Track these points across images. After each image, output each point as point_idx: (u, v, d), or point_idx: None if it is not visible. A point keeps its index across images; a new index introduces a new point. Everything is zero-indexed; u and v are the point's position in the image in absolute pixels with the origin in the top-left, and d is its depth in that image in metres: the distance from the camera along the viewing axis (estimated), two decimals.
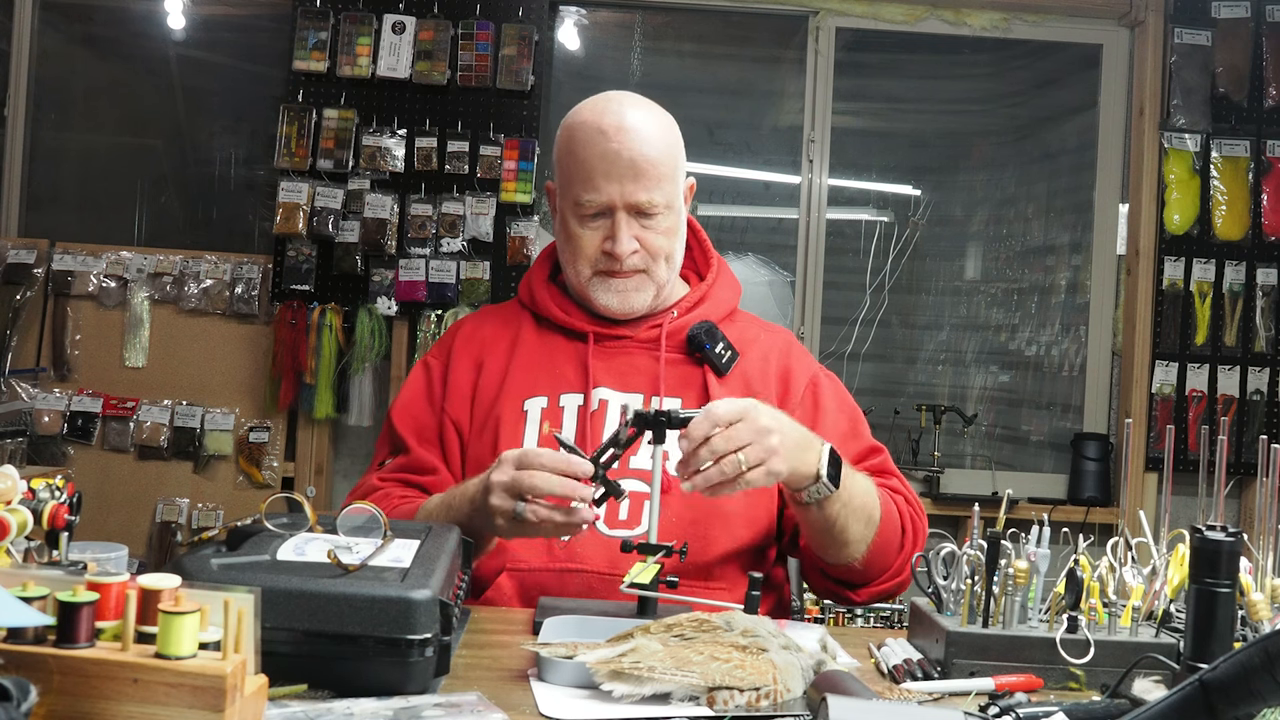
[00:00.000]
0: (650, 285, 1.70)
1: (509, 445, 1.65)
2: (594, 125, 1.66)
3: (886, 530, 1.60)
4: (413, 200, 3.58)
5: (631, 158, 1.63)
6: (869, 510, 1.57)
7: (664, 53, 4.07)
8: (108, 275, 3.69)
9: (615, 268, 1.67)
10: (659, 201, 1.65)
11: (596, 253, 1.67)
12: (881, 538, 1.59)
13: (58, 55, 3.95)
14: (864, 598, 1.66)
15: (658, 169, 1.65)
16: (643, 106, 1.71)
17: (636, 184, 1.64)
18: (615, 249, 1.65)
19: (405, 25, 3.59)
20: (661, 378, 1.69)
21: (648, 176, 1.64)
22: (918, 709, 1.05)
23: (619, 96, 1.72)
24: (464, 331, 1.81)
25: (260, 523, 1.22)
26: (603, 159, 1.64)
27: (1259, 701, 0.91)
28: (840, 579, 1.66)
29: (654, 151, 1.65)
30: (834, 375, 1.82)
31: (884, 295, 4.01)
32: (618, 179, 1.64)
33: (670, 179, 1.67)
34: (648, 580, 1.36)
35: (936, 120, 4.19)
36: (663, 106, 1.74)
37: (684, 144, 1.75)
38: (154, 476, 3.66)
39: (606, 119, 1.66)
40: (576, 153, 1.66)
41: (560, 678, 1.15)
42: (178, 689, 0.80)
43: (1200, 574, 1.11)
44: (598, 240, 1.67)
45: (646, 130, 1.66)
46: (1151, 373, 3.74)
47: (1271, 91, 3.72)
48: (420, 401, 1.75)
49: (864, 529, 1.57)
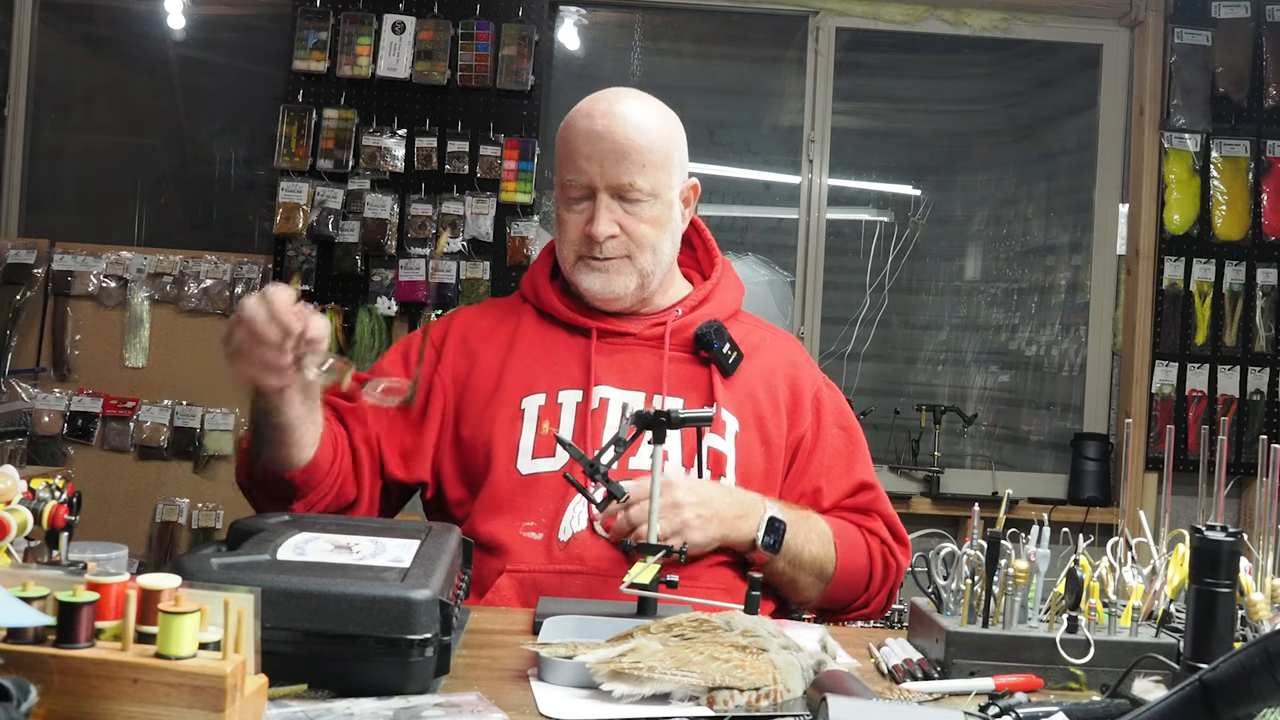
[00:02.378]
0: (633, 272, 1.69)
1: (505, 443, 1.65)
2: (585, 111, 1.68)
3: (845, 579, 1.67)
4: (413, 200, 3.59)
5: (615, 140, 1.64)
6: (820, 566, 1.64)
7: (664, 53, 4.07)
8: (108, 275, 3.69)
9: (595, 251, 1.67)
10: (642, 186, 1.65)
11: (579, 235, 1.67)
12: (835, 589, 1.67)
13: (58, 55, 3.95)
14: (838, 620, 1.74)
15: (642, 155, 1.64)
16: (640, 99, 1.72)
17: (618, 166, 1.64)
18: (593, 229, 1.65)
19: (405, 25, 3.59)
20: (664, 376, 1.69)
21: (630, 160, 1.64)
22: (918, 709, 1.05)
23: (620, 90, 1.72)
24: (461, 318, 1.81)
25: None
26: (587, 140, 1.65)
27: (1259, 701, 0.91)
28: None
29: (640, 137, 1.65)
30: (835, 387, 1.83)
31: (884, 295, 4.01)
32: (599, 159, 1.64)
33: (658, 167, 1.66)
34: (648, 580, 1.36)
35: (936, 120, 4.19)
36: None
37: (686, 145, 1.75)
38: (154, 476, 3.66)
39: (598, 105, 1.68)
40: (566, 137, 1.69)
41: (560, 678, 1.15)
42: (178, 689, 0.79)
43: (1200, 574, 1.11)
44: (580, 223, 1.67)
45: (634, 116, 1.66)
46: (1151, 373, 3.74)
47: (1271, 91, 3.72)
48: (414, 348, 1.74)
49: (814, 581, 1.65)
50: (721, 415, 1.67)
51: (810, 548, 1.62)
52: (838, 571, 1.65)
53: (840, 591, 1.68)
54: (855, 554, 1.68)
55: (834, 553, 1.65)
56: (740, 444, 1.67)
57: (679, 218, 1.75)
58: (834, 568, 1.65)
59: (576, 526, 1.61)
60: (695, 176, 1.78)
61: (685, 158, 1.75)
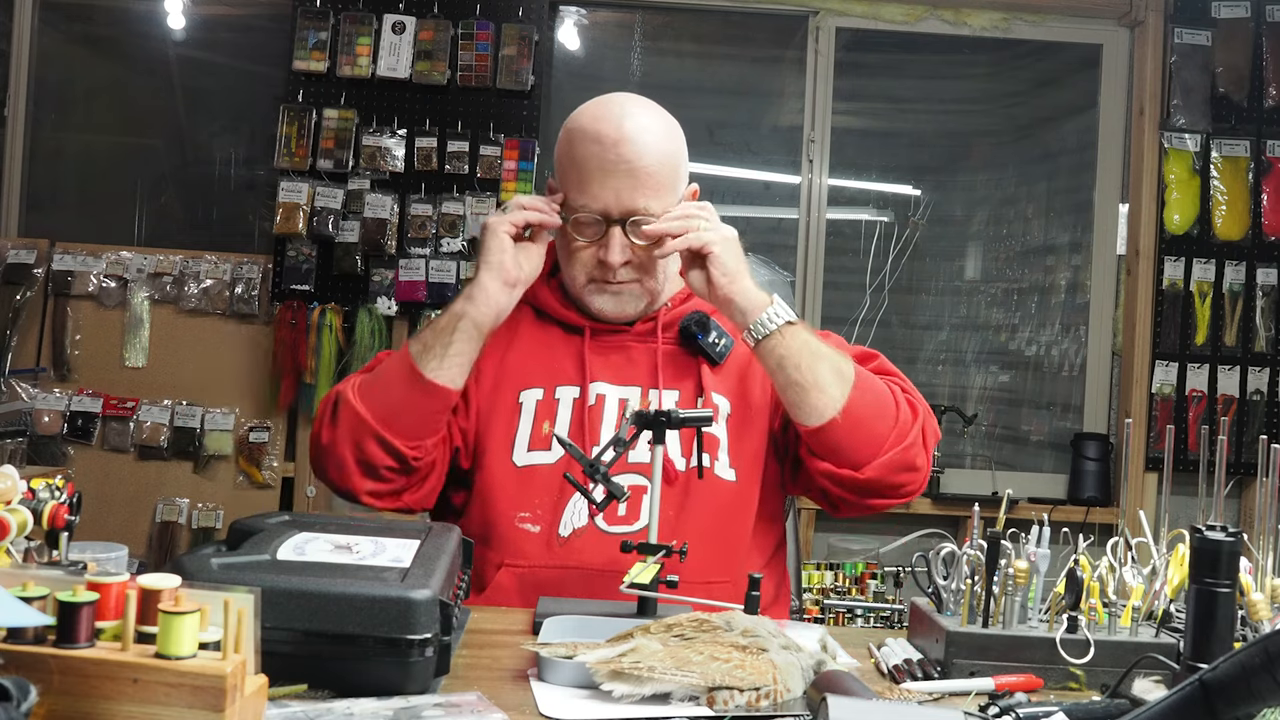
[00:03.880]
0: (643, 294, 1.70)
1: (504, 435, 1.66)
2: (592, 132, 1.64)
3: (866, 389, 1.57)
4: (413, 200, 3.59)
5: (629, 168, 1.62)
6: (837, 363, 1.57)
7: (664, 53, 4.07)
8: (108, 275, 3.68)
9: (609, 277, 1.66)
10: (655, 209, 1.63)
11: (591, 261, 1.67)
12: (859, 393, 1.56)
13: (58, 55, 3.95)
14: (869, 475, 1.57)
15: (655, 178, 1.63)
16: (644, 113, 1.68)
17: (634, 193, 1.62)
18: (608, 258, 1.64)
19: (405, 25, 3.59)
20: (659, 369, 1.69)
21: (645, 186, 1.62)
22: (918, 709, 1.05)
23: (621, 100, 1.70)
24: None
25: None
26: (600, 168, 1.63)
27: (1259, 701, 0.91)
28: (836, 453, 1.58)
29: (651, 161, 1.63)
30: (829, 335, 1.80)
31: (884, 295, 4.01)
32: (613, 189, 1.62)
33: (669, 188, 1.65)
34: (648, 580, 1.36)
35: (936, 120, 4.19)
36: (663, 106, 1.73)
37: (687, 150, 1.74)
38: (154, 476, 3.65)
39: (605, 126, 1.64)
40: (575, 158, 1.65)
41: (560, 678, 1.15)
42: (178, 689, 0.79)
43: (1200, 574, 1.11)
44: (592, 249, 1.66)
45: (644, 138, 1.64)
46: (1151, 373, 3.74)
47: (1271, 91, 3.72)
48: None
49: (833, 377, 1.55)
50: (713, 400, 1.67)
51: (826, 346, 1.58)
52: (857, 377, 1.57)
53: (862, 408, 1.56)
54: (869, 375, 1.60)
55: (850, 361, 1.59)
56: (731, 426, 1.68)
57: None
58: (853, 372, 1.57)
59: (577, 523, 1.61)
60: (694, 179, 1.77)
61: (687, 165, 1.74)
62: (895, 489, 1.60)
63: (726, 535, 1.64)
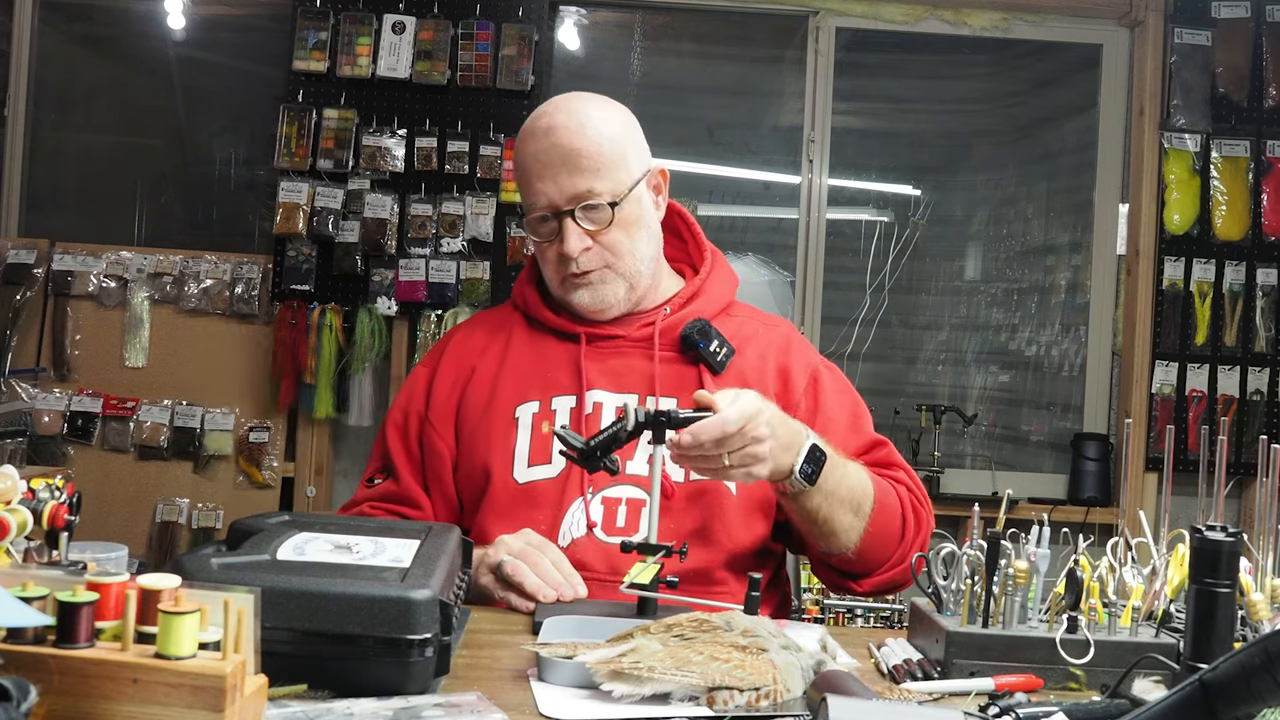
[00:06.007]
0: (618, 280, 1.67)
1: (501, 453, 1.65)
2: (528, 131, 1.66)
3: (881, 520, 1.59)
4: (413, 200, 3.58)
5: (562, 152, 1.61)
6: (857, 500, 1.56)
7: (664, 53, 4.07)
8: (108, 275, 3.69)
9: (574, 269, 1.65)
10: (601, 190, 1.62)
11: (555, 257, 1.66)
12: (875, 527, 1.58)
13: (58, 55, 3.95)
14: (866, 588, 1.65)
15: (594, 158, 1.61)
16: (580, 100, 1.68)
17: (573, 178, 1.61)
18: (564, 249, 1.63)
19: (405, 25, 3.59)
20: (656, 378, 1.68)
21: (583, 169, 1.61)
22: (918, 709, 1.05)
23: (560, 98, 1.70)
24: (455, 340, 1.81)
25: None
26: (535, 160, 1.63)
27: (1259, 701, 0.91)
28: (841, 569, 1.65)
29: (586, 142, 1.62)
30: (834, 366, 1.80)
31: (884, 295, 4.01)
32: (551, 177, 1.62)
33: (614, 166, 1.63)
34: (647, 580, 1.36)
35: (936, 120, 4.19)
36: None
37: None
38: (154, 476, 3.66)
39: (539, 122, 1.65)
40: (518, 162, 1.68)
41: (560, 678, 1.15)
42: (178, 689, 0.79)
43: (1200, 574, 1.11)
44: (553, 246, 1.65)
45: (575, 121, 1.63)
46: (1151, 373, 3.74)
47: (1271, 91, 3.72)
48: (413, 416, 1.75)
49: (852, 518, 1.56)
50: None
51: (848, 480, 1.55)
52: (875, 509, 1.57)
53: (876, 539, 1.59)
54: (886, 495, 1.61)
55: (871, 487, 1.58)
56: None
57: (651, 209, 1.72)
58: (871, 505, 1.57)
59: (576, 532, 1.61)
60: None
61: (643, 147, 1.71)
62: (884, 594, 1.70)
63: (726, 544, 1.64)
